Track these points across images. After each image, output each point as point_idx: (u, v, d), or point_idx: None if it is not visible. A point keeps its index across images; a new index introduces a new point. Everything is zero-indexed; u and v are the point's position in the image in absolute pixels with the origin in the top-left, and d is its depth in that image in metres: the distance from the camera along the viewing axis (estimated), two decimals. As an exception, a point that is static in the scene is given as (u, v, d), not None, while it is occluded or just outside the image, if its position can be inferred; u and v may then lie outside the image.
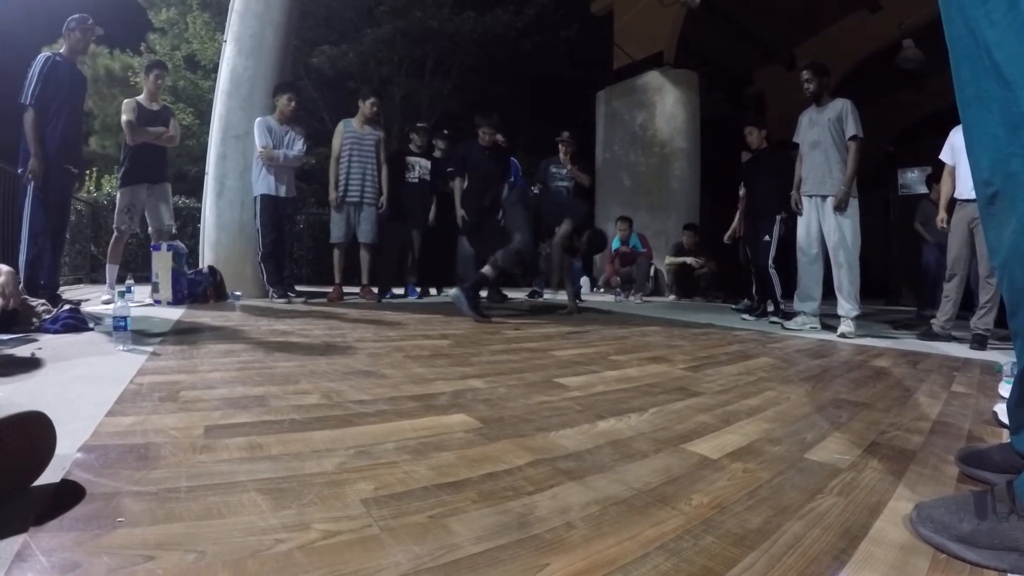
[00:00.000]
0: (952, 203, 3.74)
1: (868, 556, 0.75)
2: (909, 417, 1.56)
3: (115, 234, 4.53)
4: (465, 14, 11.72)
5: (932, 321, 3.79)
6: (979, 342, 3.36)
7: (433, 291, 6.43)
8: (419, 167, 5.82)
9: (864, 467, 1.12)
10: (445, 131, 6.60)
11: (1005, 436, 1.38)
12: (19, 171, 3.65)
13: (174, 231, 4.77)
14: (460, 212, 5.32)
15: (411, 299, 5.80)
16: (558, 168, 6.17)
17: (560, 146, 6.17)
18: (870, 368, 2.48)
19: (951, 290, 3.72)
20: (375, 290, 5.54)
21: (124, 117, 4.36)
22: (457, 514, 0.82)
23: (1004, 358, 2.54)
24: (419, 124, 6.30)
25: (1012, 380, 0.92)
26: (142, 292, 4.30)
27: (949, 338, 3.65)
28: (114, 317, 2.17)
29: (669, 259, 8.10)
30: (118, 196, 4.55)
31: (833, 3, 9.60)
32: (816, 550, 0.76)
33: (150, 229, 4.64)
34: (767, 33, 10.62)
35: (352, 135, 5.26)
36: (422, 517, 0.80)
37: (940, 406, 1.74)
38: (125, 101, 4.46)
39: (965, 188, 3.58)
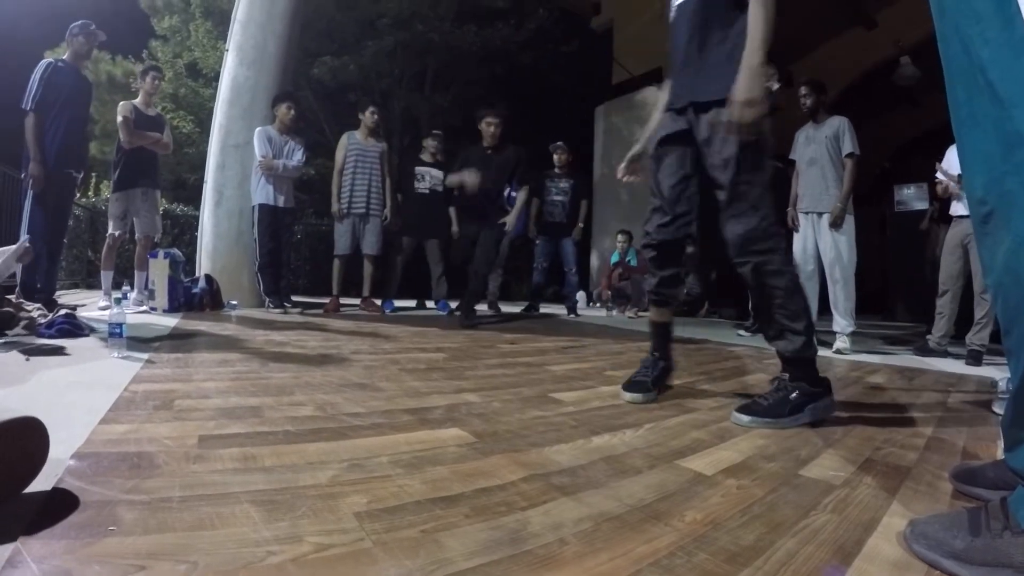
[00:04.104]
0: (948, 219, 3.76)
1: (862, 573, 0.75)
2: (904, 433, 1.56)
3: (108, 241, 4.42)
4: (466, 27, 11.78)
5: (927, 337, 3.80)
6: (974, 358, 3.37)
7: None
8: (429, 177, 5.55)
9: (858, 484, 1.12)
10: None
11: (999, 453, 1.38)
12: (22, 175, 3.67)
13: (158, 238, 4.70)
14: None
15: (442, 313, 5.63)
16: (553, 182, 6.17)
17: (555, 154, 6.19)
18: (865, 384, 2.48)
19: (944, 306, 3.73)
20: (377, 302, 5.48)
21: (121, 116, 4.23)
22: (450, 529, 0.81)
23: (999, 374, 2.55)
24: (435, 131, 5.95)
25: (1007, 397, 0.93)
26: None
27: (945, 354, 3.66)
28: (109, 324, 2.16)
29: None
30: (111, 201, 4.44)
31: (830, 20, 9.69)
32: (810, 567, 0.76)
33: (137, 235, 4.52)
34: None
35: (356, 147, 5.26)
36: (415, 531, 0.80)
37: (935, 422, 1.74)
38: (122, 103, 4.34)
39: (960, 205, 3.61)
